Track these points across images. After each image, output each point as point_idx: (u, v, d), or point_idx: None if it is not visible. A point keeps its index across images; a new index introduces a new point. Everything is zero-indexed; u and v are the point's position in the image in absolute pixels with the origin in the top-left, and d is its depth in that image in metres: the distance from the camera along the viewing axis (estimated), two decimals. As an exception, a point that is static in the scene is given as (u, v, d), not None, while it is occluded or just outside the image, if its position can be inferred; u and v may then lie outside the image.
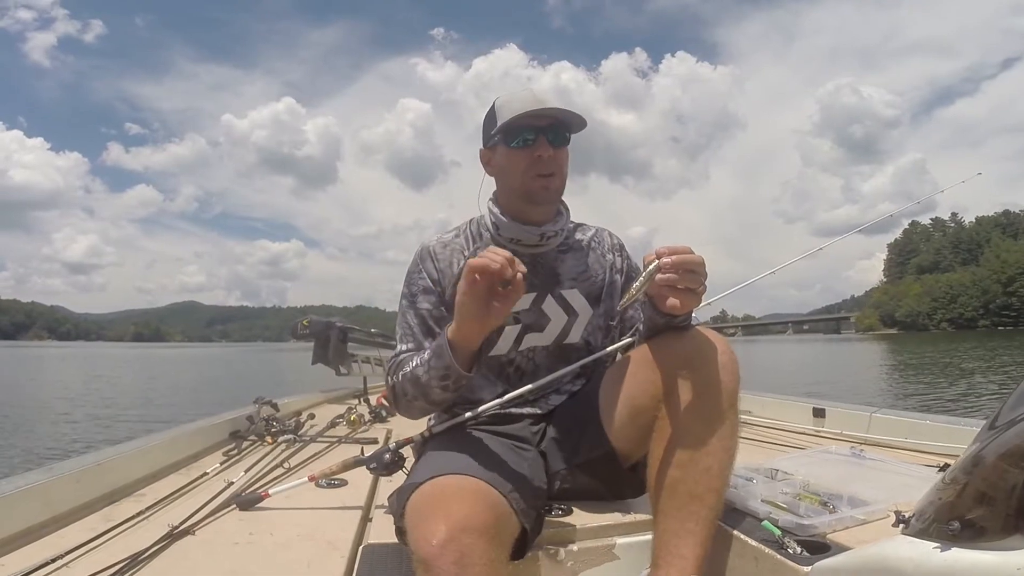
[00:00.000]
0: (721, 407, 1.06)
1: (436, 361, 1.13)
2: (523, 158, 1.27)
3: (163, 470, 1.80)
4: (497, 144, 1.30)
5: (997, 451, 0.75)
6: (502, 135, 1.28)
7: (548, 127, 1.26)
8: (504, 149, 1.29)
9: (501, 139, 1.29)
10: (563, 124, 1.28)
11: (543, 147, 1.25)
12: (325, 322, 3.61)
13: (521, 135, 1.26)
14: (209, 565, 1.13)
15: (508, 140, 1.27)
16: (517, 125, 1.25)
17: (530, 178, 1.27)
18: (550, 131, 1.26)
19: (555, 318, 1.34)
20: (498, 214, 1.34)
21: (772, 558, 1.03)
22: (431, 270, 1.33)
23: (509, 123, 1.25)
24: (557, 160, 1.28)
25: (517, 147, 1.27)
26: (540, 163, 1.26)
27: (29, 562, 1.10)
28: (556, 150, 1.27)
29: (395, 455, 1.29)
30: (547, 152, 1.25)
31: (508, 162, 1.29)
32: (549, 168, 1.27)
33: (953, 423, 1.85)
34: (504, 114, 1.26)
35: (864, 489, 1.24)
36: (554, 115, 1.25)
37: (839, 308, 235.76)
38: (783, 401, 2.63)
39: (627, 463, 1.22)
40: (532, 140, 1.25)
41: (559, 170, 1.29)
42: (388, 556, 1.10)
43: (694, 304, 1.08)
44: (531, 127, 1.25)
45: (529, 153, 1.26)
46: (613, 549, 1.16)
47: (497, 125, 1.27)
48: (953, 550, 0.75)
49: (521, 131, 1.26)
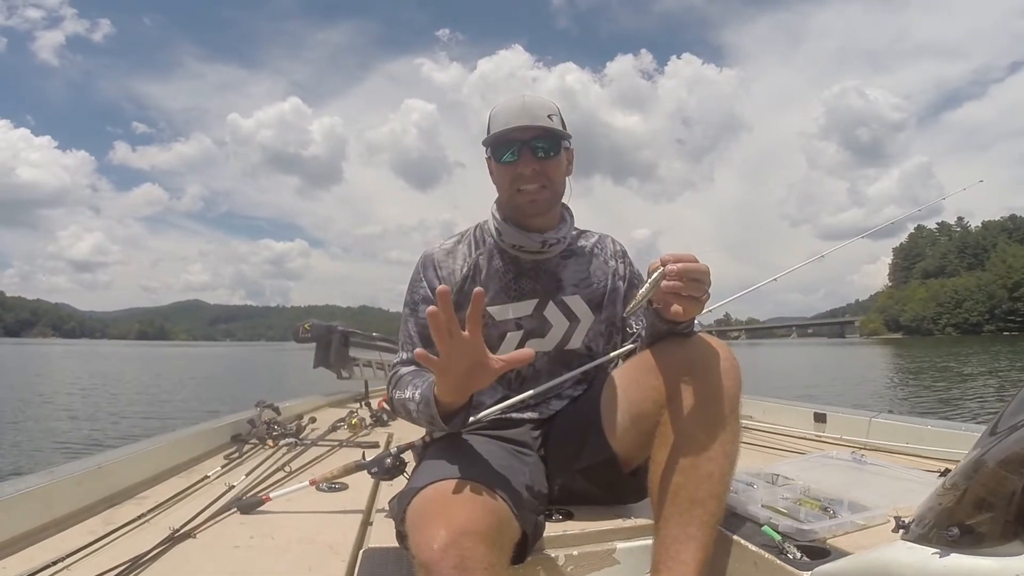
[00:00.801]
0: (723, 413, 1.06)
1: (424, 408, 1.12)
2: (508, 173, 1.28)
3: (164, 473, 1.80)
4: (490, 157, 1.33)
5: (997, 457, 0.75)
6: (490, 149, 1.30)
7: (535, 139, 1.26)
8: (494, 163, 1.31)
9: (490, 153, 1.31)
10: (552, 133, 1.27)
11: (526, 162, 1.26)
12: (327, 326, 3.62)
13: (506, 150, 1.27)
14: (210, 568, 1.13)
15: (496, 155, 1.30)
16: (503, 140, 1.26)
17: (516, 192, 1.28)
18: (537, 142, 1.26)
19: (557, 324, 1.34)
20: (500, 220, 1.35)
21: (772, 563, 1.03)
22: (432, 279, 1.34)
23: (493, 139, 1.27)
24: (546, 172, 1.27)
25: (504, 163, 1.28)
26: (523, 179, 1.27)
27: (30, 565, 1.10)
28: (545, 161, 1.27)
29: (396, 459, 1.30)
30: (531, 167, 1.26)
31: (498, 176, 1.32)
32: (534, 181, 1.27)
33: (953, 428, 1.85)
34: (493, 126, 1.28)
35: (864, 494, 1.24)
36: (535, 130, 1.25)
37: (843, 312, 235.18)
38: (784, 406, 2.62)
39: (628, 468, 1.22)
40: (516, 156, 1.26)
41: (549, 182, 1.28)
42: (389, 560, 1.10)
43: (697, 311, 1.08)
44: (516, 140, 1.26)
45: (513, 168, 1.27)
46: (613, 554, 1.16)
47: (487, 136, 1.29)
48: (952, 556, 0.74)
49: (506, 146, 1.27)
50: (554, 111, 1.29)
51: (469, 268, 1.35)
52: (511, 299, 1.33)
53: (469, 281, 1.33)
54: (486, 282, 1.33)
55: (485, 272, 1.35)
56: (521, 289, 1.34)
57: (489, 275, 1.34)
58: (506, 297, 1.33)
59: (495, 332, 1.31)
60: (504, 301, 1.33)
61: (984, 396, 10.98)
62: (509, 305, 1.33)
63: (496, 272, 1.35)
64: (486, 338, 1.28)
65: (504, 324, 1.32)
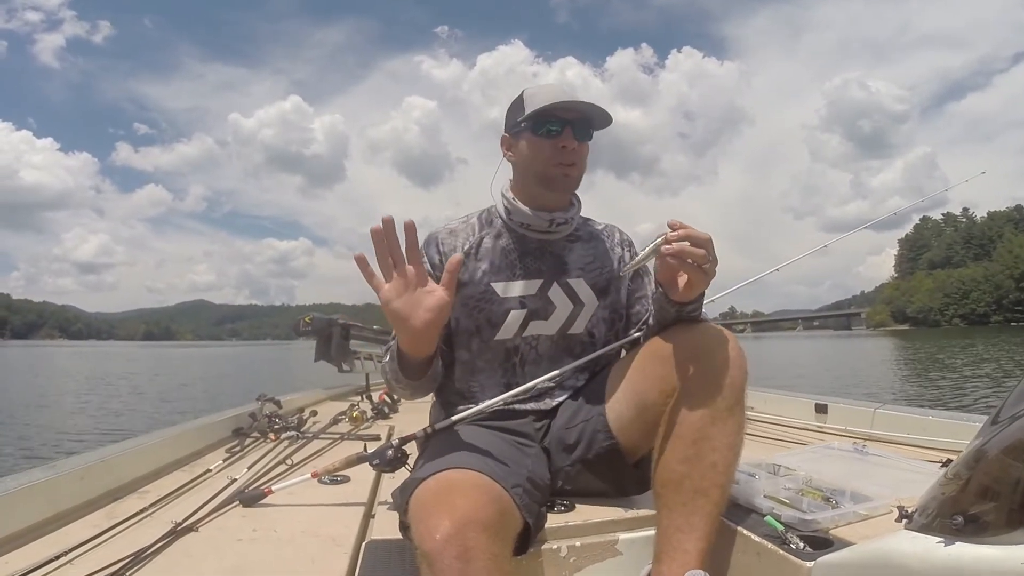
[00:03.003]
0: (729, 402, 1.06)
1: (390, 363, 1.18)
2: (549, 146, 1.30)
3: (166, 467, 1.81)
4: (523, 131, 1.33)
5: (1000, 446, 0.75)
6: (530, 122, 1.30)
7: (575, 120, 1.29)
8: (531, 136, 1.32)
9: (528, 126, 1.31)
10: (588, 120, 1.31)
11: (568, 138, 1.29)
12: (327, 319, 3.63)
13: (548, 124, 1.29)
14: (212, 562, 1.13)
15: (536, 128, 1.30)
16: (546, 114, 1.29)
17: (553, 165, 1.30)
18: (576, 124, 1.29)
19: (560, 306, 1.34)
20: (511, 199, 1.37)
21: (775, 553, 1.03)
22: (433, 255, 1.35)
23: (539, 111, 1.28)
24: (579, 152, 1.31)
25: (544, 136, 1.30)
26: (564, 153, 1.29)
27: (32, 560, 1.10)
28: (580, 143, 1.30)
29: (398, 451, 1.30)
30: (572, 144, 1.29)
31: (533, 149, 1.32)
32: (571, 159, 1.30)
33: (955, 419, 1.84)
34: (533, 103, 1.29)
35: (867, 484, 1.23)
36: (582, 109, 1.29)
37: (849, 304, 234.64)
38: (785, 397, 2.62)
39: (632, 459, 1.22)
40: (558, 131, 1.29)
41: (580, 162, 1.32)
42: (391, 552, 1.10)
43: (703, 284, 1.09)
44: (559, 118, 1.29)
45: (555, 142, 1.29)
46: (616, 545, 1.16)
47: (525, 113, 1.30)
48: (957, 544, 0.74)
49: (549, 120, 1.29)
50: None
51: (472, 246, 1.36)
52: (515, 277, 1.34)
53: (471, 258, 1.35)
54: (490, 258, 1.35)
55: (490, 249, 1.36)
56: (526, 268, 1.35)
57: (494, 252, 1.36)
58: (511, 274, 1.34)
59: (499, 309, 1.32)
60: (509, 279, 1.34)
61: (984, 387, 10.95)
62: (513, 283, 1.33)
63: (501, 250, 1.36)
64: (490, 314, 1.32)
65: (508, 301, 1.32)
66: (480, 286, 1.33)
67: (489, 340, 1.32)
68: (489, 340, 1.32)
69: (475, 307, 1.32)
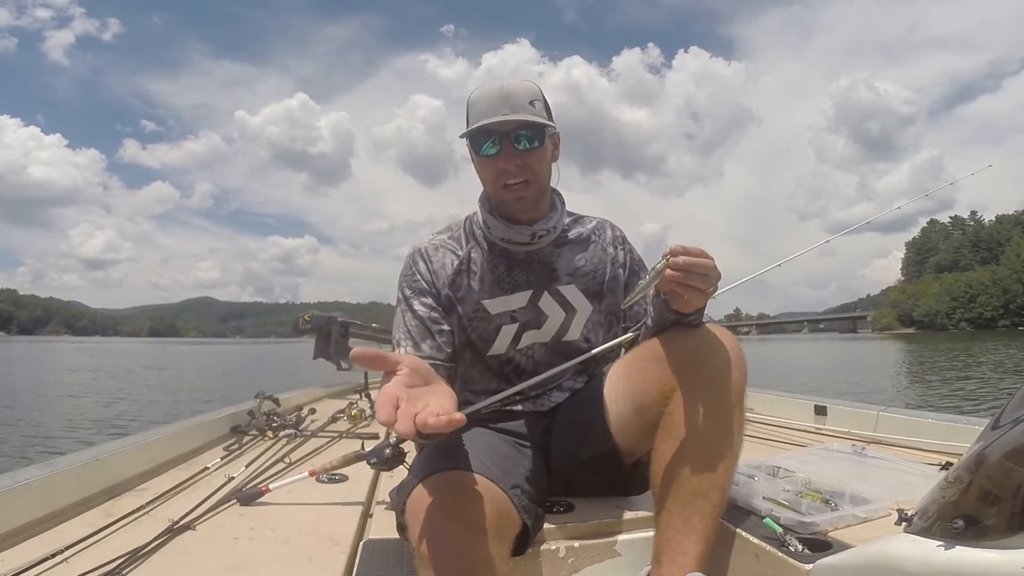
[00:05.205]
0: (729, 404, 1.05)
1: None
2: (491, 168, 1.22)
3: (163, 465, 1.81)
4: (469, 147, 1.25)
5: (1002, 450, 0.74)
6: (469, 140, 1.22)
7: (515, 130, 1.18)
8: (474, 154, 1.24)
9: (469, 144, 1.23)
10: (535, 123, 1.19)
11: (507, 157, 1.19)
12: (326, 317, 3.62)
13: (484, 143, 1.20)
14: (210, 560, 1.13)
15: (475, 147, 1.22)
16: (480, 131, 1.18)
17: (500, 188, 1.22)
18: (518, 134, 1.18)
19: (552, 315, 1.31)
20: (487, 213, 1.30)
21: (773, 555, 1.02)
22: (424, 272, 1.29)
23: (471, 132, 1.19)
24: (529, 164, 1.21)
25: (484, 155, 1.21)
26: (507, 174, 1.20)
27: (29, 557, 1.10)
28: (528, 153, 1.20)
29: (396, 450, 1.29)
30: (513, 162, 1.19)
31: (479, 168, 1.26)
32: (518, 177, 1.20)
33: (954, 422, 1.83)
34: (472, 116, 1.20)
35: (866, 487, 1.22)
36: (516, 122, 1.17)
37: (854, 307, 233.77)
38: (785, 398, 2.61)
39: (630, 460, 1.21)
40: (497, 148, 1.19)
41: (533, 175, 1.22)
42: (389, 551, 1.09)
43: (701, 303, 1.07)
44: (496, 131, 1.18)
45: (495, 163, 1.20)
46: (614, 546, 1.15)
47: (468, 126, 1.20)
48: (956, 548, 0.73)
49: (485, 137, 1.19)
50: (537, 96, 1.22)
51: (461, 262, 1.30)
52: (504, 292, 1.29)
53: (461, 276, 1.29)
54: (479, 275, 1.30)
55: (478, 265, 1.31)
56: (514, 281, 1.30)
57: (482, 268, 1.30)
58: (499, 290, 1.29)
59: (490, 326, 1.28)
60: (497, 294, 1.29)
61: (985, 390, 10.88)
62: (502, 298, 1.29)
63: (488, 265, 1.30)
64: (481, 332, 1.28)
65: (499, 318, 1.28)
66: (471, 304, 1.28)
67: (483, 355, 1.29)
68: (483, 355, 1.29)
69: (467, 325, 1.28)
